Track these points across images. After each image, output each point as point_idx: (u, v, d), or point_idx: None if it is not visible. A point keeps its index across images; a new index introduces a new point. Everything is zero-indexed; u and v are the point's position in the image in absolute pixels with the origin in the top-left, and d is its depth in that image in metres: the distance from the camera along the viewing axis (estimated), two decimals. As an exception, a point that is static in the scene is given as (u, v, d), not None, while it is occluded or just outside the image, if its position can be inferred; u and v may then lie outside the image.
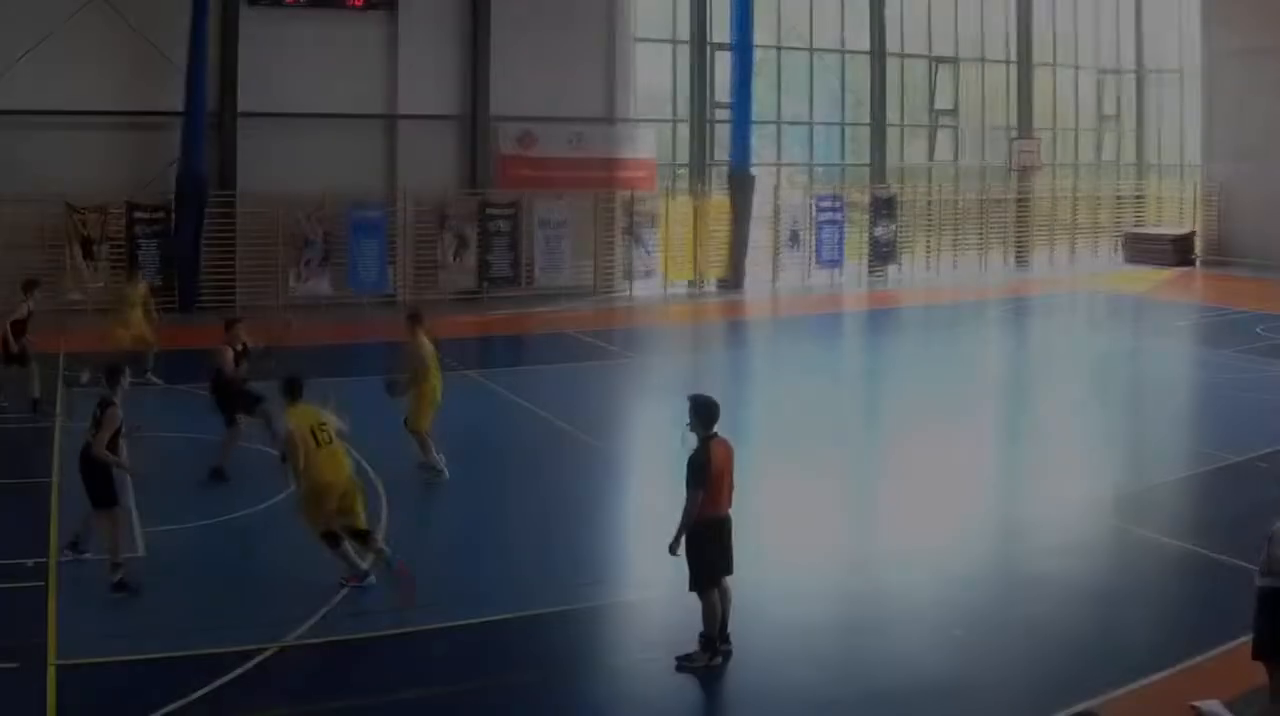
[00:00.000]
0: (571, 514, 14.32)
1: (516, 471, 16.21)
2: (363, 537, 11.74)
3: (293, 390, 12.06)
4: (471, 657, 10.19)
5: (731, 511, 10.18)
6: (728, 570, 10.12)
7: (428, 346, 15.59)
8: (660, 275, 35.25)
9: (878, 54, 39.11)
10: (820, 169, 40.28)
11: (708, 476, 9.78)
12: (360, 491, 11.87)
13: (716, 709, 9.62)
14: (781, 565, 12.00)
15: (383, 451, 15.06)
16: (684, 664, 9.98)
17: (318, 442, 11.55)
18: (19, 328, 18.54)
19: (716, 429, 10.05)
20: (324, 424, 11.74)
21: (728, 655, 10.08)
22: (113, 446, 11.64)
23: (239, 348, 15.85)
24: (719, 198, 35.92)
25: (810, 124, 39.70)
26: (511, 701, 9.53)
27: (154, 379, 21.05)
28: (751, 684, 9.86)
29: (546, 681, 9.81)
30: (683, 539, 9.84)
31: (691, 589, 9.98)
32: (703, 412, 10.05)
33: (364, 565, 11.69)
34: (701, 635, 10.02)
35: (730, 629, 10.14)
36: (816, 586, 11.95)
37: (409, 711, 9.38)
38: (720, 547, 10.01)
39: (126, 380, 12.13)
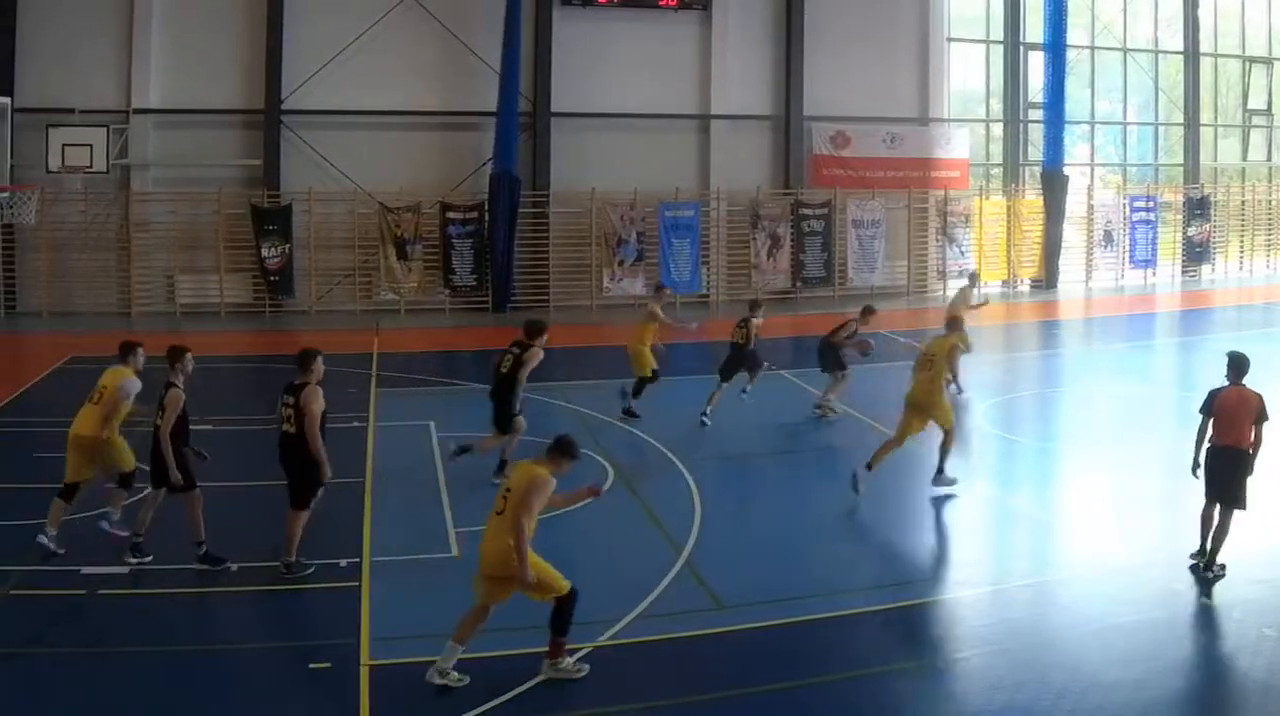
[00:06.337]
0: (883, 515, 14.06)
1: (830, 473, 15.71)
2: None
3: None
4: (782, 658, 9.94)
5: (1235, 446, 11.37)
6: (1220, 497, 11.56)
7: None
8: (974, 276, 34.39)
9: (1191, 53, 38.09)
10: (1134, 169, 39.33)
11: (1210, 410, 11.52)
12: None
13: (1032, 708, 9.04)
14: (1091, 564, 11.68)
15: (693, 450, 15.96)
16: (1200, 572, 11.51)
17: None
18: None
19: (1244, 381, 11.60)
20: None
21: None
22: (178, 430, 11.41)
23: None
24: (1032, 197, 35.29)
25: (1124, 124, 38.84)
26: (823, 701, 9.30)
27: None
28: (1064, 684, 9.44)
29: (859, 681, 9.63)
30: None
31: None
32: (1238, 364, 11.68)
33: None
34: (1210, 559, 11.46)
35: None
36: (1125, 585, 11.50)
37: (720, 712, 9.13)
38: (1218, 471, 11.49)
39: (189, 361, 11.73)
